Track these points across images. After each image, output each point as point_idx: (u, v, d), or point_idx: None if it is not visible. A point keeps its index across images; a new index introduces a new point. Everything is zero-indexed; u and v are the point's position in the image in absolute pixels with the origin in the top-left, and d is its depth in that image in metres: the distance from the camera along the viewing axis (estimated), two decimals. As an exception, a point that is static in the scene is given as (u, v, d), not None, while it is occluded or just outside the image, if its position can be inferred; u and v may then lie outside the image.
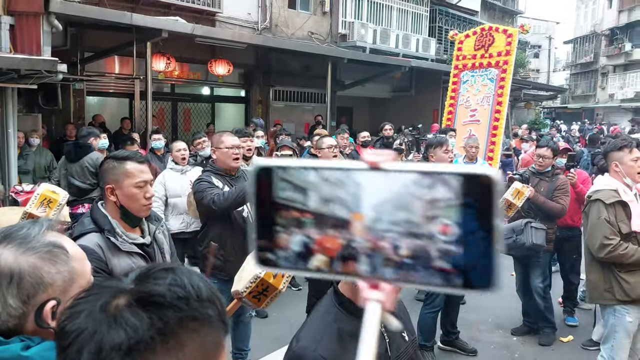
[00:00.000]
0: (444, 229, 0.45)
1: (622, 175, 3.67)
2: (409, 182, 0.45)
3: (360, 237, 0.47)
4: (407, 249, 0.46)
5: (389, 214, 0.46)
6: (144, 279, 0.71)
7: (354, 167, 0.47)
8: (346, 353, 1.52)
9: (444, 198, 0.43)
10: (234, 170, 3.99)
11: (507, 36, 9.26)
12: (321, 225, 0.50)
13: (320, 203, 0.49)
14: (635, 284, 3.54)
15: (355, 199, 0.47)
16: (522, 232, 4.84)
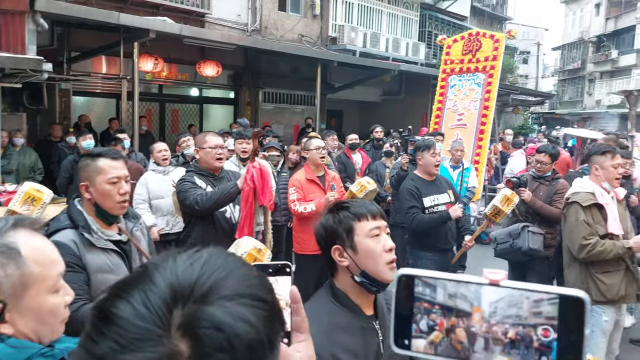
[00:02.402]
0: (544, 333, 0.58)
1: (601, 179, 3.73)
2: (521, 294, 0.61)
3: (478, 324, 0.62)
4: (513, 333, 0.60)
5: (502, 309, 0.60)
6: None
7: (479, 282, 0.62)
8: (333, 344, 1.55)
9: (546, 311, 0.58)
10: (217, 170, 3.99)
11: (494, 41, 9.34)
12: (446, 314, 0.65)
13: (447, 298, 0.64)
14: (611, 285, 3.60)
15: (478, 296, 0.62)
16: (518, 236, 4.86)
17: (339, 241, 1.64)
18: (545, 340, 0.58)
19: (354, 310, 1.65)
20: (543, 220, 4.95)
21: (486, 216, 4.80)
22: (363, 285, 1.64)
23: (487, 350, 0.62)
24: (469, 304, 0.63)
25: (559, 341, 0.58)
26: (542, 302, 0.59)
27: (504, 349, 0.61)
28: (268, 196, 3.80)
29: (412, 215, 4.46)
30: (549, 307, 0.58)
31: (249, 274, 0.62)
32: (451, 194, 4.72)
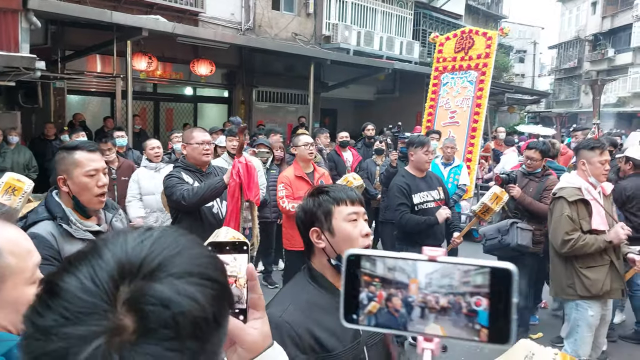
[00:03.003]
0: (477, 302, 0.63)
1: (588, 174, 3.74)
2: (454, 267, 0.66)
3: (415, 294, 0.67)
4: (445, 301, 0.65)
5: (436, 280, 0.65)
6: None
7: (419, 258, 0.67)
8: (310, 321, 1.59)
9: (477, 281, 0.63)
10: (205, 165, 4.01)
11: (486, 39, 9.35)
12: (386, 286, 0.70)
13: (387, 271, 0.70)
14: (596, 280, 3.62)
15: (414, 269, 0.67)
16: (507, 232, 4.86)
17: (317, 223, 1.68)
18: (475, 308, 0.63)
19: (331, 291, 1.68)
20: (532, 216, 4.97)
21: (475, 213, 4.83)
22: (338, 268, 1.67)
23: (423, 318, 0.67)
24: (406, 276, 0.68)
25: (490, 308, 0.62)
26: (474, 273, 0.64)
27: (437, 316, 0.66)
28: (254, 191, 3.81)
29: (401, 213, 4.47)
30: (479, 278, 0.63)
31: (200, 253, 0.63)
32: (441, 191, 4.73)
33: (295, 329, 1.56)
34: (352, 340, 1.66)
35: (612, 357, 4.75)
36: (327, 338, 1.59)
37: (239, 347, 0.93)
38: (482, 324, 0.63)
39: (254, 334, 0.93)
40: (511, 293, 0.62)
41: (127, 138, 7.08)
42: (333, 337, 1.61)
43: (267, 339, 0.96)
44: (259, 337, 0.94)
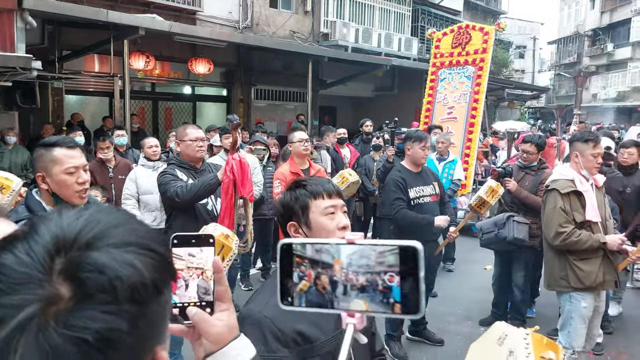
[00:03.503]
0: (390, 278, 0.68)
1: (580, 167, 3.75)
2: (370, 248, 0.71)
3: (339, 273, 0.72)
4: (364, 279, 0.70)
5: (356, 260, 0.71)
6: None
7: (339, 242, 0.73)
8: (291, 315, 1.57)
9: (390, 260, 0.68)
10: (198, 162, 4.02)
11: (483, 34, 9.35)
12: (314, 267, 0.75)
13: (314, 253, 0.75)
14: (589, 272, 3.62)
15: (338, 251, 0.73)
16: (503, 226, 4.88)
17: (295, 218, 1.69)
18: (389, 284, 0.68)
19: None
20: (528, 210, 4.97)
21: (471, 207, 4.84)
22: None
23: (346, 295, 0.73)
24: (331, 257, 0.73)
25: (401, 284, 0.68)
26: (386, 253, 0.69)
27: (358, 293, 0.71)
28: (248, 188, 3.83)
29: (397, 207, 4.47)
30: (392, 257, 0.68)
31: (140, 227, 0.63)
32: (436, 186, 4.73)
33: (276, 324, 1.57)
34: (334, 330, 1.66)
35: (607, 348, 4.76)
36: (308, 329, 1.60)
37: (204, 339, 0.94)
38: (396, 299, 0.68)
39: (219, 326, 0.94)
40: (419, 268, 0.67)
41: (126, 137, 7.10)
42: (315, 328, 1.62)
43: (234, 331, 0.97)
44: (224, 328, 0.95)
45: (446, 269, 7.07)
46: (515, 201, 5.10)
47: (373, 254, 0.70)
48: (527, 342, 1.35)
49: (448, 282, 6.55)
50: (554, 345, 1.38)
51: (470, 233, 8.65)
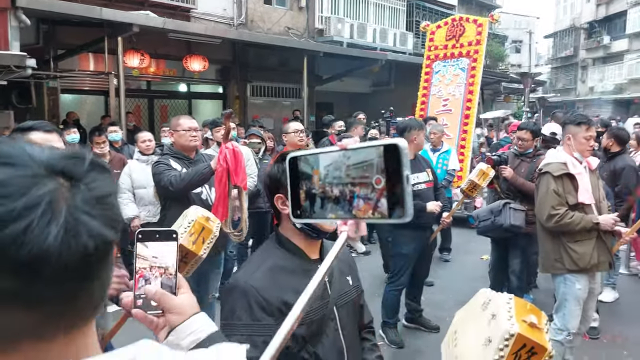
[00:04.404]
0: (377, 180, 0.66)
1: (573, 149, 3.76)
2: (347, 153, 0.70)
3: (317, 185, 0.72)
4: (338, 191, 0.69)
5: (332, 171, 0.70)
6: None
7: (334, 150, 0.71)
8: (277, 284, 1.62)
9: (376, 162, 0.66)
10: (192, 152, 4.03)
11: (477, 26, 9.36)
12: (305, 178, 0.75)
13: (315, 165, 0.74)
14: (583, 254, 3.63)
15: (317, 162, 0.72)
16: (500, 213, 4.89)
17: (282, 190, 1.69)
18: (377, 187, 0.66)
19: (298, 254, 1.72)
20: (524, 197, 4.97)
21: (463, 191, 4.85)
22: (303, 231, 1.70)
23: (323, 208, 0.72)
24: (310, 167, 0.73)
25: (387, 186, 0.66)
26: (373, 156, 0.67)
27: (336, 203, 0.70)
28: (241, 176, 3.83)
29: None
30: (377, 160, 0.66)
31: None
32: (430, 173, 4.75)
33: (262, 293, 1.59)
34: (320, 300, 1.69)
35: (603, 333, 4.78)
36: (295, 299, 1.60)
37: (168, 315, 1.02)
38: (384, 204, 0.67)
39: (181, 298, 1.04)
40: (402, 167, 0.65)
41: (120, 133, 7.12)
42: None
43: (195, 307, 1.05)
44: (186, 301, 1.04)
45: (443, 259, 7.09)
46: (512, 188, 5.12)
47: (361, 157, 0.68)
48: (510, 306, 1.36)
49: (444, 272, 6.57)
50: (537, 311, 1.39)
51: (467, 224, 8.68)
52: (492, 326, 1.34)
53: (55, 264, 0.55)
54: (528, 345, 1.29)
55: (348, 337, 1.76)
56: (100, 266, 0.62)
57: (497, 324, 1.33)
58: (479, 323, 1.43)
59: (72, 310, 0.60)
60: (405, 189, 0.65)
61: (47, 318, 0.58)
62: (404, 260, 4.57)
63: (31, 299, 0.56)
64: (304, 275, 1.70)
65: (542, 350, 1.29)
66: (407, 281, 4.68)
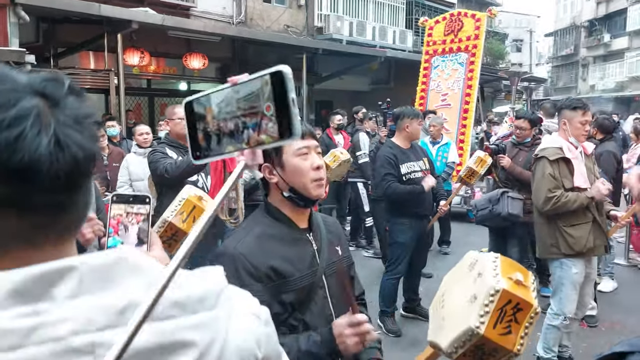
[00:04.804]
0: (267, 107, 0.68)
1: (568, 134, 3.76)
2: (237, 88, 0.72)
3: (210, 123, 0.74)
4: (232, 125, 0.71)
5: (223, 107, 0.72)
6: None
7: (225, 87, 0.73)
8: (265, 251, 1.63)
9: (265, 90, 0.69)
10: (188, 140, 4.04)
11: (475, 21, 9.38)
12: (200, 118, 0.76)
13: (199, 108, 0.76)
14: (579, 238, 3.63)
15: (209, 101, 0.74)
16: (498, 202, 4.90)
17: (268, 159, 1.70)
18: (267, 113, 0.69)
19: (286, 222, 1.73)
20: (522, 185, 4.98)
21: (461, 178, 4.86)
22: (291, 200, 1.71)
23: (220, 144, 0.74)
24: (204, 107, 0.75)
25: (275, 109, 0.68)
26: (262, 84, 0.69)
27: (231, 137, 0.72)
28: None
29: (387, 182, 4.49)
30: (265, 88, 0.69)
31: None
32: (426, 162, 4.75)
33: (250, 259, 1.60)
34: (308, 267, 1.70)
35: (601, 321, 4.78)
36: (282, 265, 1.63)
37: None
38: (275, 127, 0.69)
39: (153, 253, 1.07)
40: (288, 92, 0.67)
41: (117, 127, 7.14)
42: (289, 265, 1.65)
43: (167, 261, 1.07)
44: (161, 253, 1.08)
45: (442, 252, 7.09)
46: (510, 177, 5.13)
47: (251, 89, 0.71)
48: (496, 265, 1.37)
49: (443, 264, 6.55)
50: (524, 270, 1.39)
51: (466, 218, 8.69)
52: (478, 284, 1.34)
53: (47, 173, 0.58)
54: (513, 301, 1.29)
55: (337, 305, 1.76)
56: (86, 180, 0.65)
57: (482, 281, 1.33)
58: (465, 282, 1.43)
59: (60, 221, 0.64)
60: (292, 111, 0.67)
61: (37, 226, 0.61)
62: (401, 249, 4.57)
63: (23, 206, 0.59)
64: (293, 244, 1.72)
65: (528, 307, 1.29)
66: (405, 270, 4.68)
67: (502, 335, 1.28)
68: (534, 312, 1.30)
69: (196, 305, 0.68)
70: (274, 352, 0.79)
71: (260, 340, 0.75)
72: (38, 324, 0.58)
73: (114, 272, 0.65)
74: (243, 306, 0.77)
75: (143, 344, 0.62)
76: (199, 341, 0.65)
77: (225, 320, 0.71)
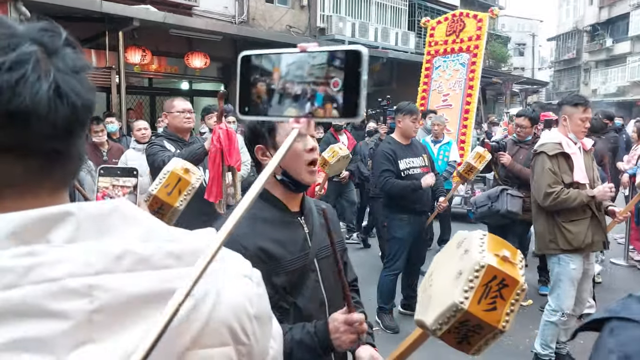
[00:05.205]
0: (334, 82, 0.68)
1: (568, 130, 3.76)
2: (313, 54, 0.71)
3: (276, 82, 0.73)
4: (299, 89, 0.71)
5: (293, 70, 0.72)
6: None
7: (290, 51, 0.73)
8: (256, 233, 1.62)
9: (335, 64, 0.69)
10: (186, 134, 4.04)
11: (477, 21, 9.37)
12: (261, 76, 0.75)
13: (259, 62, 0.76)
14: (578, 233, 3.62)
15: (278, 60, 0.73)
16: (497, 199, 4.89)
17: (262, 141, 1.69)
18: (334, 89, 0.69)
19: (278, 205, 1.71)
20: (522, 183, 4.97)
21: (460, 174, 4.85)
22: (284, 183, 1.69)
23: (285, 102, 0.73)
24: (271, 65, 0.74)
25: (344, 87, 0.68)
26: (332, 58, 0.69)
27: (295, 100, 0.72)
28: (235, 156, 3.84)
29: (385, 178, 4.48)
30: (337, 61, 0.69)
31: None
32: (426, 158, 4.73)
33: (240, 241, 1.57)
34: (300, 250, 1.68)
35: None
36: (273, 248, 1.61)
37: None
38: (340, 104, 0.69)
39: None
40: (362, 71, 0.68)
41: (117, 124, 7.16)
42: (280, 247, 1.63)
43: None
44: None
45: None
46: (510, 175, 5.12)
47: (319, 59, 0.70)
48: (483, 241, 1.35)
49: (443, 263, 6.55)
50: (513, 248, 1.38)
51: (466, 219, 8.67)
52: (464, 260, 1.33)
53: (46, 118, 0.59)
54: (499, 277, 1.27)
55: (329, 290, 1.75)
56: (82, 130, 0.66)
57: (468, 257, 1.32)
58: (452, 260, 1.42)
59: (56, 169, 0.64)
60: (362, 92, 0.68)
61: (34, 173, 0.62)
62: (398, 245, 4.56)
63: (21, 151, 0.60)
64: (284, 227, 1.70)
65: (514, 283, 1.28)
66: (403, 266, 4.66)
67: (487, 312, 1.26)
68: (520, 289, 1.28)
69: (191, 257, 0.68)
70: (265, 313, 0.79)
71: (252, 299, 0.75)
72: (35, 264, 0.58)
73: (110, 221, 0.65)
74: (235, 267, 0.78)
75: (140, 289, 0.62)
76: (194, 292, 0.65)
77: (218, 275, 0.71)
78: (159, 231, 0.69)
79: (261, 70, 0.75)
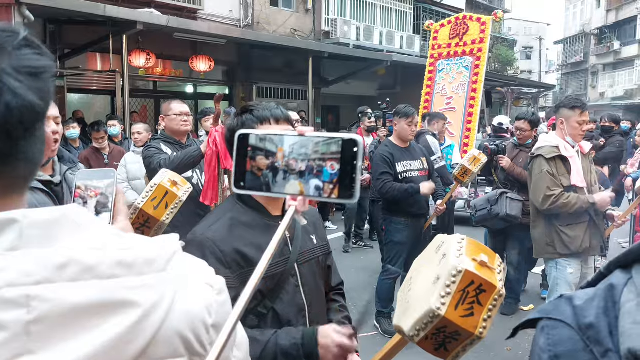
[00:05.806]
0: (331, 166, 0.73)
1: (565, 133, 3.73)
2: (313, 138, 0.77)
3: (280, 160, 0.78)
4: (303, 166, 0.76)
5: (297, 149, 0.77)
6: None
7: (291, 134, 0.78)
8: (234, 237, 1.60)
9: (333, 149, 0.74)
10: (183, 136, 4.04)
11: (480, 24, 9.34)
12: (260, 155, 0.80)
13: (259, 142, 0.80)
14: (575, 237, 3.59)
15: (281, 141, 0.78)
16: (496, 202, 4.87)
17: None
18: (331, 172, 0.74)
19: (258, 209, 1.68)
20: (522, 187, 4.93)
21: (455, 177, 4.83)
22: None
23: (285, 180, 0.79)
24: (275, 146, 0.79)
25: (340, 171, 0.74)
26: (330, 143, 0.75)
27: (297, 177, 0.77)
28: (231, 159, 3.83)
29: (383, 181, 4.46)
30: (334, 147, 0.74)
31: None
32: (424, 162, 4.71)
33: (218, 245, 1.56)
34: (280, 255, 1.65)
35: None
36: (252, 252, 1.59)
37: None
38: (334, 185, 0.74)
39: (117, 225, 1.04)
40: (357, 158, 0.73)
41: (119, 127, 7.19)
42: (259, 252, 1.60)
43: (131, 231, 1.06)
44: (123, 224, 1.06)
45: (443, 255, 7.02)
46: (510, 179, 5.09)
47: (312, 144, 0.76)
48: (461, 246, 1.34)
49: (444, 267, 6.52)
50: (491, 253, 1.36)
51: (470, 222, 8.61)
52: (442, 265, 1.32)
53: None
54: (476, 283, 1.26)
55: (310, 294, 1.72)
56: (27, 137, 0.64)
57: (446, 261, 1.30)
58: (431, 265, 1.41)
59: (1, 174, 0.63)
60: (356, 176, 0.73)
61: None
62: (397, 248, 4.54)
63: None
64: (264, 231, 1.66)
65: (492, 288, 1.26)
66: (401, 270, 4.64)
67: (464, 317, 1.25)
68: (497, 295, 1.27)
69: (143, 267, 0.67)
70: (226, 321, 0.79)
71: (211, 307, 0.74)
72: None
73: (56, 229, 0.64)
74: (196, 274, 0.76)
75: (83, 299, 0.61)
76: (142, 302, 0.64)
77: (173, 284, 0.69)
78: (111, 239, 0.68)
79: (258, 149, 0.80)
